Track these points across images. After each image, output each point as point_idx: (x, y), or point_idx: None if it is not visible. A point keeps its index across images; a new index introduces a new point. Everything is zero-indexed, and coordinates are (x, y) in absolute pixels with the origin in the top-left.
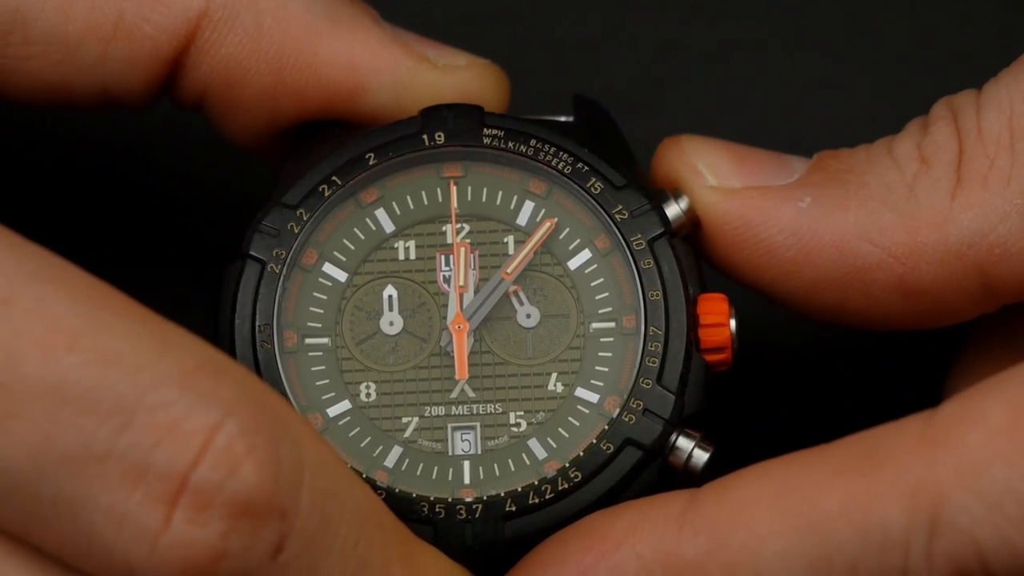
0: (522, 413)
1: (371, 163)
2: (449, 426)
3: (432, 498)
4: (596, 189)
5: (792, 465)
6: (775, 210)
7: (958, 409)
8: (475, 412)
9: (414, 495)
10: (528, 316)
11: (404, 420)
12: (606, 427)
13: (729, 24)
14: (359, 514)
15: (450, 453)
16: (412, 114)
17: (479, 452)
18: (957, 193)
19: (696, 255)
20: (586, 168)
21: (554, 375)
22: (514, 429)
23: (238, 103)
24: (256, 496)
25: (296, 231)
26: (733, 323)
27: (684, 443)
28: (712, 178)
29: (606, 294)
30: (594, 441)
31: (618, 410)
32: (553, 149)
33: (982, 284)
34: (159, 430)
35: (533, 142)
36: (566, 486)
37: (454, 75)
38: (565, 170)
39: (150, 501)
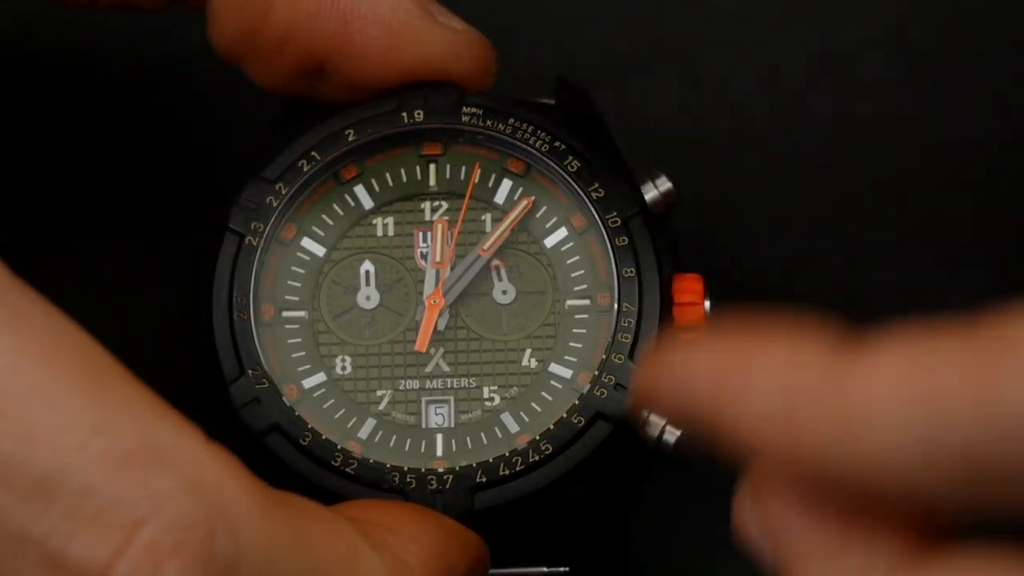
0: (496, 388)
1: (350, 139)
2: (423, 399)
3: (405, 468)
4: (573, 167)
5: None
6: None
7: None
8: (449, 386)
9: (387, 465)
10: (504, 293)
11: (378, 393)
12: (577, 401)
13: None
14: None
15: (423, 426)
16: (393, 60)
17: (452, 425)
18: None
19: (673, 235)
20: (563, 147)
21: (528, 351)
22: (488, 403)
23: None
24: None
25: (275, 205)
26: (708, 303)
27: (656, 419)
28: None
29: (581, 272)
30: (565, 415)
31: (589, 384)
32: (531, 128)
33: None
34: (79, 520)
35: (512, 121)
36: (536, 458)
37: (447, 34)
38: (542, 148)
39: None
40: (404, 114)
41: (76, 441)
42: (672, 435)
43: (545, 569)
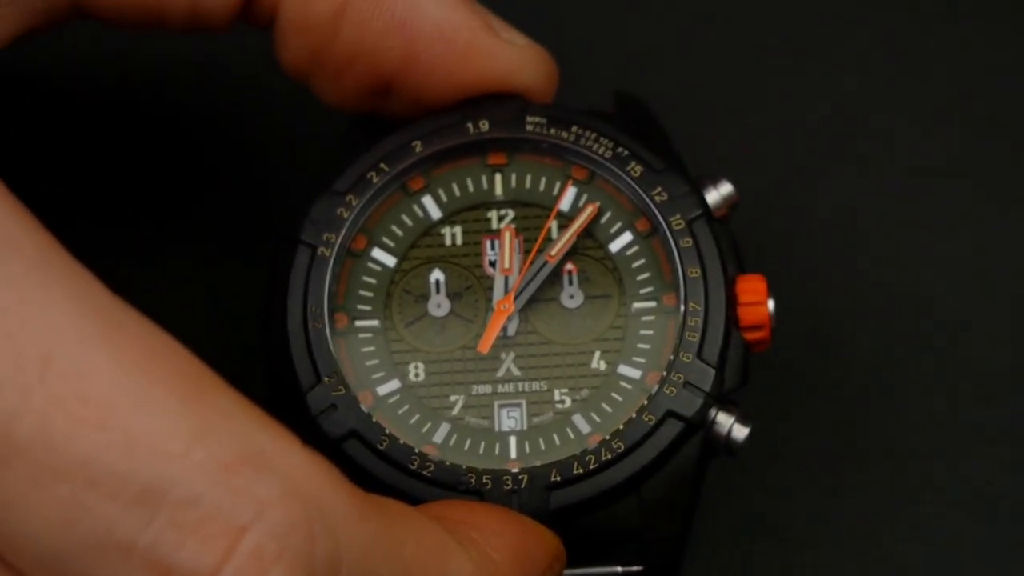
0: (566, 390)
1: (417, 151)
2: (496, 403)
3: (480, 469)
4: (636, 172)
5: None
6: None
7: None
8: (520, 390)
9: (463, 467)
10: (571, 297)
11: (452, 398)
12: (646, 400)
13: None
14: None
15: (496, 429)
16: (458, 77)
17: (525, 428)
18: None
19: (734, 238)
20: (626, 152)
21: (597, 353)
22: (559, 406)
23: (305, 19)
24: None
25: (345, 216)
26: (771, 303)
27: (724, 418)
28: None
29: (647, 275)
30: (635, 414)
31: (658, 384)
32: (594, 135)
33: None
34: (184, 528)
35: (575, 128)
36: (609, 457)
37: (510, 50)
38: (605, 155)
39: None
40: (469, 125)
41: (178, 450)
42: (741, 432)
43: (620, 569)
